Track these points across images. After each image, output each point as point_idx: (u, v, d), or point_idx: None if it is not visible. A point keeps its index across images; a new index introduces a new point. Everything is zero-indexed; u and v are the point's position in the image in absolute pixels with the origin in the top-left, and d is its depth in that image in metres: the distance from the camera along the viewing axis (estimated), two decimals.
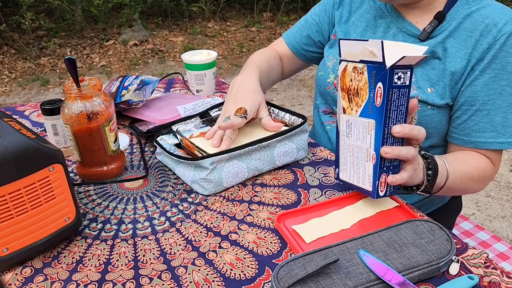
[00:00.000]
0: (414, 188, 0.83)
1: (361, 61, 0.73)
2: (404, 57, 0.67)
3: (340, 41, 0.77)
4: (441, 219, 1.12)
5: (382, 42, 0.68)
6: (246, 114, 0.91)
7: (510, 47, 0.87)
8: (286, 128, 0.94)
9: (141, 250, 0.73)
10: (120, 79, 1.24)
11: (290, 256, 0.71)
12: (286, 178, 0.91)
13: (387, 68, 0.68)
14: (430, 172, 0.82)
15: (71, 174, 0.95)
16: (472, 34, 0.90)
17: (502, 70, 0.88)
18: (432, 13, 0.95)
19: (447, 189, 0.89)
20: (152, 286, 0.66)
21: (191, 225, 0.78)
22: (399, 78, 0.70)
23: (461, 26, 0.91)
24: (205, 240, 0.75)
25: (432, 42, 0.93)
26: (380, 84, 0.70)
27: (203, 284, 0.66)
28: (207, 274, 0.68)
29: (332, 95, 1.08)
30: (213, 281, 0.67)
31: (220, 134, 0.90)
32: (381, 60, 0.69)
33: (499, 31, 0.87)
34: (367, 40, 0.72)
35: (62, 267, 0.70)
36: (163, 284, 0.66)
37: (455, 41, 0.91)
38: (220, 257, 0.71)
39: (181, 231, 0.77)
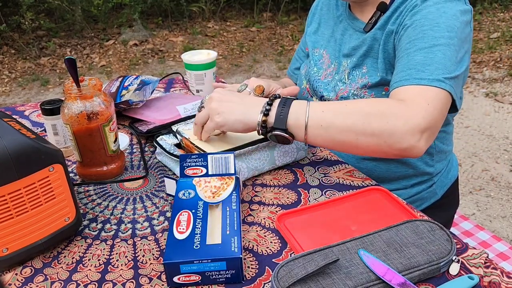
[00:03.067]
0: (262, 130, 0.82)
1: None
2: None
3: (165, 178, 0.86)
4: (436, 217, 1.12)
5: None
6: (263, 93, 0.97)
7: (432, 2, 0.88)
8: None
9: (140, 250, 0.73)
10: (120, 79, 1.24)
11: (290, 256, 0.71)
12: (286, 178, 0.91)
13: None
14: (268, 107, 0.80)
15: (71, 174, 0.95)
16: (399, 12, 0.93)
17: (423, 18, 0.87)
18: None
19: (318, 126, 0.78)
20: (152, 286, 0.66)
21: None
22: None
23: (398, 10, 0.94)
24: None
25: (373, 31, 0.98)
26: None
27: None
28: None
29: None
30: None
31: None
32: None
33: None
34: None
35: (62, 267, 0.70)
36: (162, 285, 0.66)
37: (392, 26, 0.94)
38: None
39: None
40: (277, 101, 0.82)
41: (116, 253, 0.73)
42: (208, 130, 0.87)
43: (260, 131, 0.82)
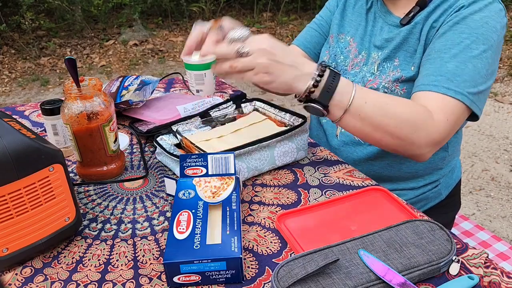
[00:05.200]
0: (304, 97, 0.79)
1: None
2: None
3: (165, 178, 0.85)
4: (439, 217, 1.12)
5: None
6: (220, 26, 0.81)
7: (477, 7, 0.88)
8: (286, 128, 0.94)
9: (140, 250, 0.73)
10: (120, 79, 1.24)
11: (290, 255, 0.71)
12: (286, 178, 0.91)
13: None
14: (319, 78, 0.77)
15: (71, 174, 0.95)
16: (440, 8, 0.93)
17: (465, 25, 0.88)
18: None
19: (355, 116, 0.80)
20: (152, 286, 0.66)
21: None
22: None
23: (439, 7, 0.94)
24: None
25: (411, 24, 0.97)
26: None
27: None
28: None
29: None
30: None
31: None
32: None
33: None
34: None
35: (62, 267, 0.70)
36: (162, 285, 0.66)
37: (432, 22, 0.94)
38: None
39: None
40: (327, 73, 0.78)
41: (116, 253, 0.73)
42: (242, 69, 0.76)
43: (301, 99, 0.80)
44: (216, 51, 0.76)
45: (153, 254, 0.72)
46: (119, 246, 0.74)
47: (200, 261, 0.64)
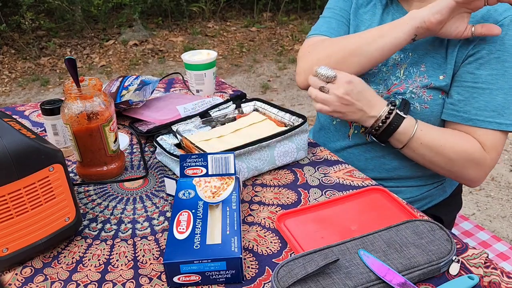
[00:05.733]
0: (367, 128, 0.94)
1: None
2: None
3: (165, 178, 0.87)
4: (442, 215, 1.12)
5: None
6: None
7: None
8: (286, 128, 0.94)
9: (140, 250, 0.73)
10: (120, 79, 1.24)
11: (290, 255, 0.70)
12: (286, 178, 0.91)
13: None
14: (385, 120, 0.91)
15: (71, 174, 0.95)
16: (473, 18, 0.92)
17: (506, 52, 0.90)
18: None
19: (410, 151, 0.94)
20: (152, 286, 0.66)
21: None
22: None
23: (474, 17, 0.93)
24: None
25: None
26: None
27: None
28: None
29: None
30: None
31: None
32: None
33: (500, 15, 0.90)
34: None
35: (62, 267, 0.70)
36: (162, 285, 0.66)
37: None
38: None
39: None
40: (392, 114, 0.91)
41: (116, 253, 0.73)
42: (321, 101, 0.92)
43: (366, 133, 0.95)
44: (310, 79, 0.94)
45: (153, 254, 0.72)
46: (119, 246, 0.74)
47: (200, 261, 0.64)
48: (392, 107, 0.91)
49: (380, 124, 0.91)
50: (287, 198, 0.85)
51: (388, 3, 1.06)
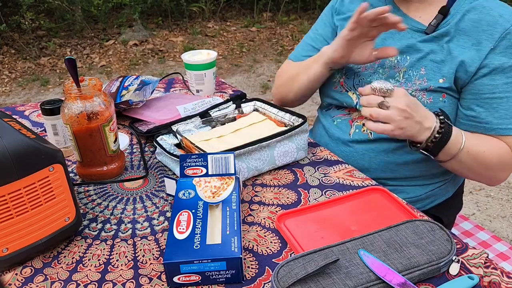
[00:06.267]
0: (419, 145, 0.90)
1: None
2: None
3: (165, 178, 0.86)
4: (443, 215, 1.12)
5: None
6: None
7: None
8: (286, 128, 0.94)
9: (140, 250, 0.73)
10: (120, 79, 1.24)
11: (290, 255, 0.71)
12: (286, 178, 0.91)
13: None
14: (440, 130, 0.88)
15: (71, 174, 0.95)
16: (478, 24, 0.93)
17: None
18: (432, 7, 0.98)
19: (457, 162, 0.93)
20: (152, 286, 0.66)
21: None
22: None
23: (466, 17, 0.94)
24: None
25: (438, 36, 0.96)
26: None
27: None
28: None
29: (340, 93, 1.09)
30: None
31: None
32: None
33: (508, 21, 0.91)
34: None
35: (62, 267, 0.70)
36: (162, 285, 0.66)
37: (461, 32, 0.94)
38: None
39: None
40: (444, 124, 0.89)
41: (116, 253, 0.73)
42: (380, 120, 0.85)
43: (418, 149, 0.92)
44: (363, 99, 0.87)
45: (153, 254, 0.72)
46: (119, 246, 0.74)
47: (200, 261, 0.64)
48: (441, 117, 0.89)
49: (436, 135, 0.89)
50: (287, 198, 0.85)
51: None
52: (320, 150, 1.01)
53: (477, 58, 0.92)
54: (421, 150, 0.91)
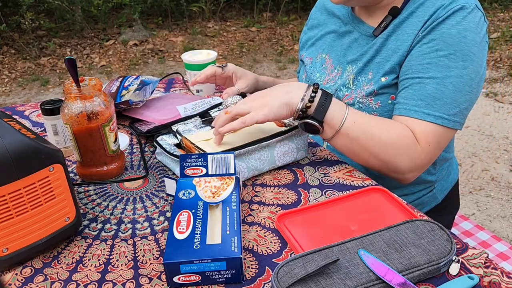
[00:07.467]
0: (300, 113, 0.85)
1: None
2: None
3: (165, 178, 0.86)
4: (436, 220, 1.12)
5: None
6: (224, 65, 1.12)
7: (454, 21, 0.86)
8: (286, 128, 0.94)
9: (140, 250, 0.73)
10: (120, 79, 1.24)
11: (290, 255, 0.71)
12: (286, 178, 0.91)
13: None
14: (311, 99, 0.83)
15: (71, 174, 0.95)
16: (422, 18, 0.91)
17: (442, 41, 0.86)
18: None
19: (345, 137, 0.86)
20: (152, 286, 0.66)
21: None
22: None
23: (414, 14, 0.93)
24: None
25: (385, 36, 0.96)
26: None
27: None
28: None
29: None
30: None
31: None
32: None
33: (444, 8, 0.87)
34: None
35: (62, 267, 0.70)
36: (162, 285, 0.66)
37: (406, 28, 0.93)
38: None
39: None
40: (320, 91, 0.85)
41: (116, 253, 0.73)
42: (250, 122, 0.84)
43: (298, 116, 0.85)
44: (216, 128, 0.88)
45: (153, 254, 0.72)
46: (119, 246, 0.74)
47: (200, 261, 0.64)
48: (316, 86, 0.84)
49: (308, 103, 0.83)
50: (287, 198, 0.85)
51: (345, 19, 1.07)
52: (320, 150, 1.01)
53: (410, 44, 0.91)
54: (306, 121, 0.85)
